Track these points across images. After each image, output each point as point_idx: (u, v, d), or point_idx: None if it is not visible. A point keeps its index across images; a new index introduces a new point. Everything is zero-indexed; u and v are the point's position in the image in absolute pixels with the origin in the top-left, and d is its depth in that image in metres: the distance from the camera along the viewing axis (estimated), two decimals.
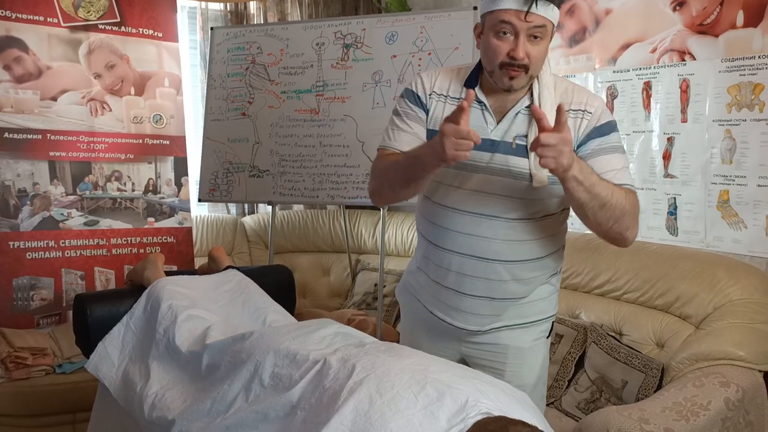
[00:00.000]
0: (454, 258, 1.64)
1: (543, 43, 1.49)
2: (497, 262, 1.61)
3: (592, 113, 1.55)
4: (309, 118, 3.41)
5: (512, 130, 1.56)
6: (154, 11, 3.41)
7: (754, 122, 2.46)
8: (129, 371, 1.95)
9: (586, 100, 1.57)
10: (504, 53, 1.48)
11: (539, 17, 1.45)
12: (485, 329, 1.70)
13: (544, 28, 1.47)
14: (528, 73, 1.51)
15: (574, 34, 3.16)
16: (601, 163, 1.52)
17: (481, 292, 1.65)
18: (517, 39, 1.46)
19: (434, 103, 1.65)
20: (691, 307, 2.30)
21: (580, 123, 1.55)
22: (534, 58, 1.48)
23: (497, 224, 1.59)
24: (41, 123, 3.15)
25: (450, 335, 1.75)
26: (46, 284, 3.14)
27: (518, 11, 1.44)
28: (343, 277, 3.92)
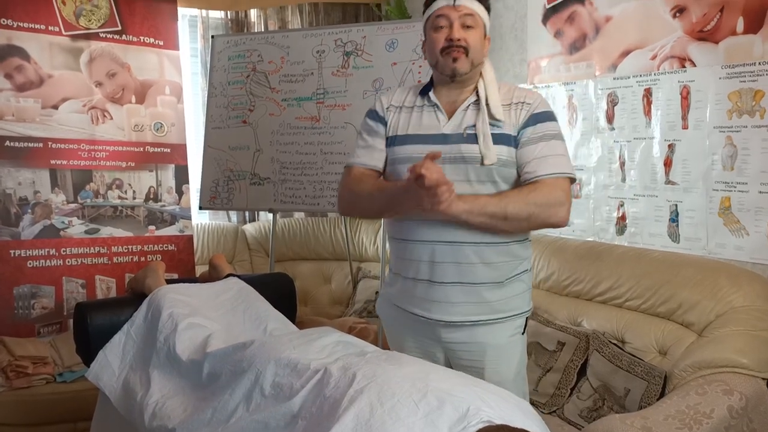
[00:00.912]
0: (424, 247, 1.74)
1: (476, 31, 1.73)
2: (465, 244, 1.71)
3: (530, 104, 1.74)
4: (310, 126, 3.41)
5: (462, 123, 1.74)
6: (155, 20, 3.42)
7: (755, 129, 2.46)
8: (129, 380, 1.95)
9: (526, 95, 1.76)
10: (443, 39, 1.72)
11: (466, 7, 1.72)
12: (462, 320, 1.75)
13: (474, 16, 1.72)
14: (469, 57, 1.72)
15: (574, 42, 3.17)
16: (531, 150, 1.70)
17: (453, 278, 1.73)
18: (452, 26, 1.72)
19: (392, 115, 1.85)
20: (694, 315, 2.29)
21: (520, 113, 1.73)
22: (471, 42, 1.72)
23: None
24: (42, 131, 3.15)
25: (430, 334, 1.81)
26: (47, 293, 3.14)
27: (448, 5, 1.72)
28: (344, 285, 3.91)
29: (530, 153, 1.69)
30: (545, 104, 1.76)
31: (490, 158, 1.67)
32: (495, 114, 1.70)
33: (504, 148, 1.70)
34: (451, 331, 1.77)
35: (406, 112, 1.82)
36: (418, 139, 1.76)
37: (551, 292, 2.85)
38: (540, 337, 2.60)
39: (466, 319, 1.75)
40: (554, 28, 3.27)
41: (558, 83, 3.25)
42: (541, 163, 1.68)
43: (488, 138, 1.68)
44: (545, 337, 2.58)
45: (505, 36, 3.60)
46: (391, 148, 1.82)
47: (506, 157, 1.70)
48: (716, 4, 2.56)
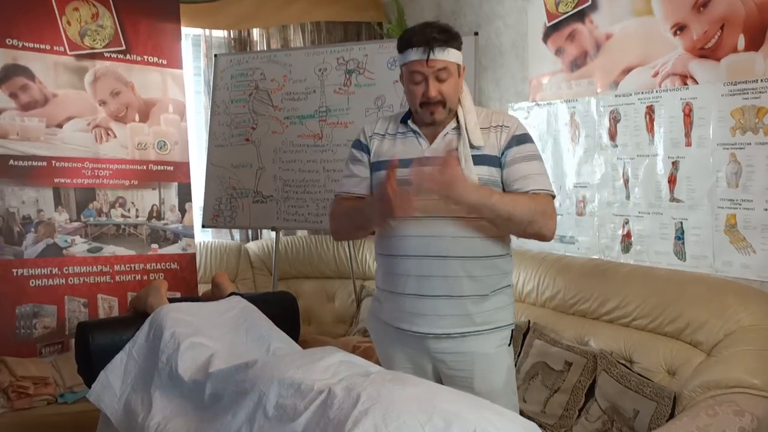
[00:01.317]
0: (412, 262, 1.82)
1: (451, 80, 1.81)
2: (451, 258, 1.79)
3: (509, 127, 1.85)
4: (312, 144, 3.42)
5: (443, 147, 1.83)
6: (159, 39, 3.44)
7: (759, 146, 2.45)
8: (131, 401, 1.93)
9: (503, 119, 1.88)
10: (420, 95, 1.81)
11: (439, 61, 1.78)
12: (449, 332, 1.82)
13: (447, 69, 1.79)
14: (446, 107, 1.82)
15: (575, 59, 3.18)
16: (517, 169, 1.81)
17: (441, 291, 1.80)
18: (426, 83, 1.79)
19: (375, 142, 1.96)
20: (702, 334, 2.27)
21: (500, 136, 1.84)
22: (447, 93, 1.81)
23: (445, 223, 1.79)
24: (46, 150, 3.16)
25: (419, 346, 1.87)
26: (49, 312, 3.12)
27: (420, 60, 1.77)
28: (347, 303, 3.89)
29: (517, 171, 1.81)
30: (523, 127, 1.88)
31: (471, 179, 1.76)
32: (473, 141, 1.81)
33: (485, 168, 1.81)
34: (439, 342, 1.84)
35: (389, 138, 1.93)
36: (401, 163, 1.83)
37: (557, 310, 2.82)
38: (547, 356, 2.58)
39: (453, 331, 1.82)
40: (555, 46, 3.28)
41: (560, 101, 3.26)
42: (529, 181, 1.80)
43: (469, 160, 1.79)
44: (552, 357, 2.56)
45: (506, 54, 3.61)
46: (376, 173, 1.92)
47: (487, 176, 1.81)
48: (716, 22, 2.56)
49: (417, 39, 1.78)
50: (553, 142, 3.30)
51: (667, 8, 2.75)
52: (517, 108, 3.51)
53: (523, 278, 2.99)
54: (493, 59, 3.68)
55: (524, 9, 3.45)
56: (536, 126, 3.38)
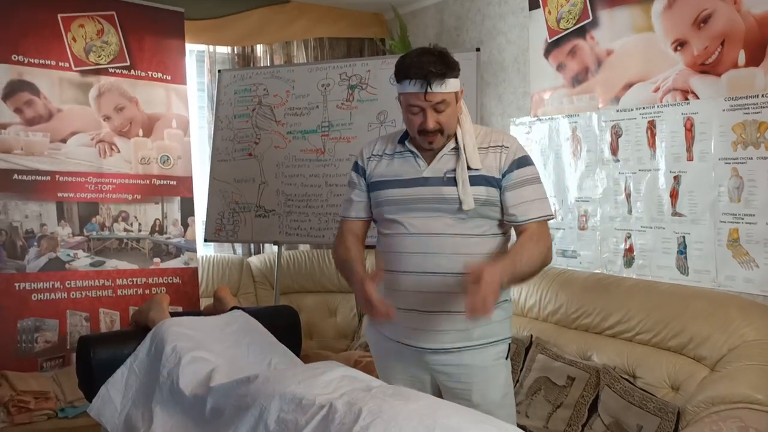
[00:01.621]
0: (411, 278, 1.84)
1: (449, 109, 1.79)
2: (448, 275, 1.79)
3: (509, 148, 1.85)
4: (315, 158, 3.43)
5: (441, 168, 1.84)
6: (164, 55, 3.47)
7: (760, 160, 2.46)
8: (132, 416, 1.93)
9: (502, 139, 1.87)
10: (417, 125, 1.80)
11: (437, 95, 1.75)
12: (447, 347, 1.84)
13: (444, 101, 1.77)
14: (444, 134, 1.82)
15: (577, 75, 3.19)
16: (517, 195, 1.83)
17: (438, 307, 1.82)
18: (424, 114, 1.77)
19: (373, 163, 1.96)
20: (705, 349, 2.26)
21: (500, 156, 1.83)
22: (445, 123, 1.79)
23: (442, 240, 1.81)
24: (50, 165, 3.17)
25: (418, 361, 1.89)
26: (51, 326, 3.12)
27: (418, 94, 1.75)
28: (349, 317, 3.88)
29: (517, 197, 1.82)
30: (522, 148, 1.88)
31: (468, 203, 1.79)
32: (471, 164, 1.80)
33: (482, 189, 1.81)
34: (437, 356, 1.86)
35: (387, 158, 1.94)
36: (399, 183, 1.87)
37: (560, 325, 2.81)
38: (549, 371, 2.56)
39: (451, 345, 1.84)
40: (556, 62, 3.30)
41: (561, 116, 3.27)
42: (528, 208, 1.82)
43: (466, 183, 1.79)
44: (555, 372, 2.54)
45: (507, 69, 3.63)
46: (375, 192, 1.94)
47: (485, 196, 1.82)
48: (717, 38, 2.58)
49: (414, 71, 1.74)
50: (554, 156, 3.31)
51: (667, 24, 2.77)
52: (519, 123, 3.52)
53: (525, 292, 2.98)
54: (495, 75, 3.70)
55: (526, 25, 3.47)
56: (538, 141, 3.39)
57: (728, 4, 2.54)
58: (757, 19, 2.47)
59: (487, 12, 3.74)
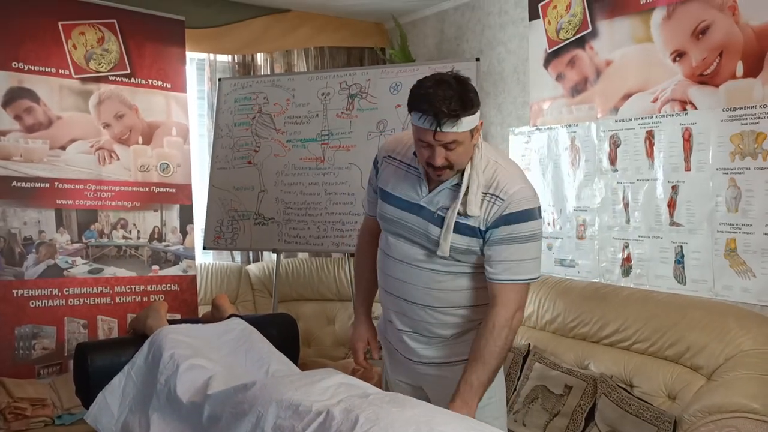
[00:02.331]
0: (394, 300, 1.86)
1: (461, 147, 1.63)
2: (418, 305, 1.80)
3: (503, 200, 1.66)
4: (314, 167, 3.44)
5: (437, 201, 1.73)
6: (164, 63, 3.48)
7: (758, 171, 2.47)
8: (129, 423, 1.92)
9: (504, 187, 1.68)
10: (425, 158, 1.67)
11: (448, 135, 1.59)
12: (431, 362, 1.86)
13: (455, 141, 1.61)
14: (453, 170, 1.68)
15: (576, 85, 3.21)
16: (498, 252, 1.68)
17: (413, 329, 1.85)
18: (433, 150, 1.63)
19: (385, 165, 1.88)
20: (702, 358, 2.26)
21: (489, 207, 1.67)
22: (454, 160, 1.65)
23: (418, 272, 1.78)
24: (49, 172, 3.18)
25: (408, 367, 1.92)
26: (48, 333, 3.12)
27: (429, 130, 1.59)
28: (348, 326, 3.87)
29: (496, 254, 1.68)
30: (522, 201, 1.67)
31: (443, 250, 1.70)
32: (470, 211, 1.66)
33: (465, 239, 1.69)
34: (423, 368, 1.89)
35: (398, 167, 1.84)
36: (399, 202, 1.80)
37: (557, 334, 2.81)
38: (546, 380, 2.56)
39: (433, 361, 1.86)
40: (556, 72, 3.32)
41: (560, 125, 3.28)
42: (504, 268, 1.68)
43: (449, 230, 1.68)
44: (552, 381, 2.54)
45: (507, 79, 3.65)
46: (382, 201, 1.88)
47: (465, 246, 1.70)
48: (715, 49, 2.60)
49: (426, 107, 1.57)
50: (553, 166, 3.32)
51: (666, 35, 2.78)
52: (518, 132, 3.53)
53: None
54: (494, 84, 3.72)
55: (525, 35, 3.49)
56: (537, 150, 3.40)
57: (727, 15, 2.56)
58: (755, 30, 2.48)
59: (487, 22, 3.76)
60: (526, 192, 1.69)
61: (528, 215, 1.67)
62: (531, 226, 1.68)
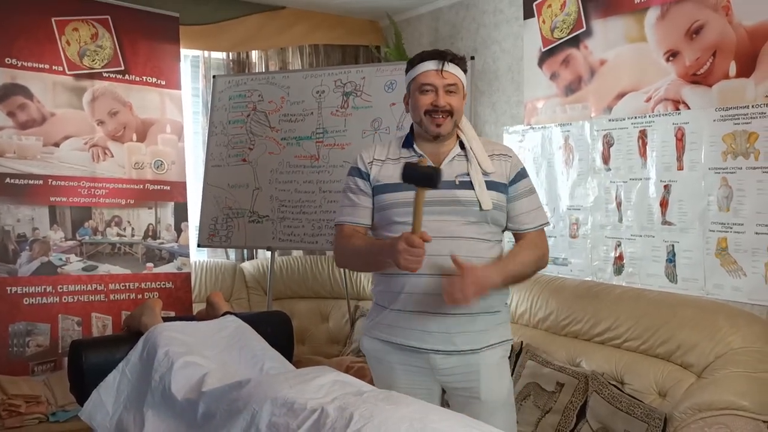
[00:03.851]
0: (422, 280, 1.81)
1: (458, 95, 1.88)
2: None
3: (512, 158, 1.95)
4: (309, 165, 3.44)
5: (451, 172, 1.86)
6: (158, 60, 3.48)
7: (749, 170, 2.49)
8: (123, 420, 1.93)
9: (500, 148, 1.97)
10: (428, 103, 1.86)
11: (451, 74, 1.85)
12: (461, 349, 1.84)
13: (456, 85, 1.86)
14: (452, 119, 1.87)
15: (570, 84, 3.22)
16: (520, 205, 1.93)
17: (451, 309, 1.80)
18: (437, 93, 1.85)
19: (375, 168, 1.94)
20: (693, 356, 2.28)
21: (506, 165, 1.92)
22: (454, 106, 1.86)
23: (456, 243, 1.81)
24: (43, 168, 3.17)
25: (423, 363, 1.87)
26: (42, 330, 3.11)
27: (435, 71, 1.84)
28: (341, 323, 3.88)
29: (520, 207, 1.92)
30: (519, 158, 1.99)
31: (486, 203, 1.84)
32: (485, 167, 1.87)
33: (495, 194, 1.87)
34: (448, 357, 1.86)
35: (392, 163, 1.92)
36: (407, 186, 1.77)
37: (549, 332, 2.83)
38: (538, 377, 2.58)
39: (462, 348, 1.85)
40: (550, 71, 3.33)
41: (554, 124, 3.30)
42: (530, 217, 1.93)
43: (483, 185, 1.85)
44: (544, 378, 2.56)
45: (501, 78, 3.66)
46: (379, 196, 1.91)
47: (497, 201, 1.88)
48: (709, 49, 2.61)
49: (430, 53, 1.88)
50: (547, 165, 3.33)
51: (660, 35, 2.80)
52: (512, 131, 3.55)
53: (516, 299, 3.00)
54: (489, 83, 3.73)
55: (520, 34, 3.50)
56: (531, 149, 3.42)
57: (720, 15, 2.58)
58: (748, 30, 2.50)
59: (482, 21, 3.77)
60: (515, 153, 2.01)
61: (527, 171, 1.98)
62: (530, 180, 1.98)
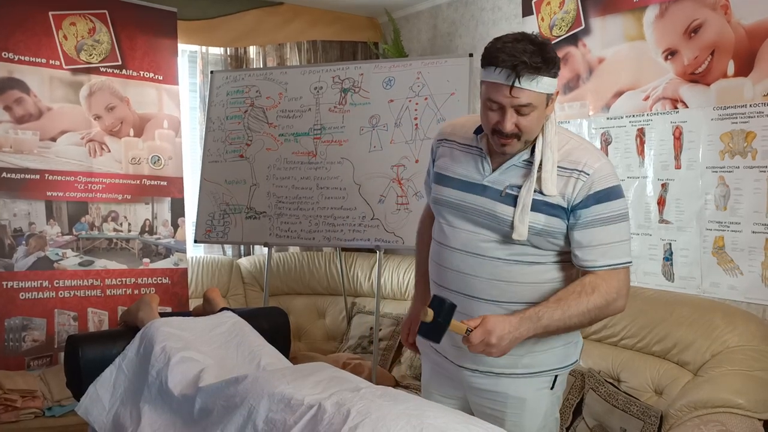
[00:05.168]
0: (451, 296, 1.62)
1: (535, 113, 1.51)
2: (481, 300, 1.62)
3: (589, 175, 1.54)
4: (306, 161, 3.44)
5: (505, 180, 1.60)
6: (156, 55, 3.47)
7: (747, 169, 2.49)
8: (120, 415, 1.92)
9: (585, 161, 1.55)
10: (492, 123, 1.53)
11: (525, 93, 1.48)
12: (487, 370, 1.67)
13: (531, 105, 1.49)
14: (521, 140, 1.55)
15: (568, 82, 3.22)
16: (587, 236, 1.55)
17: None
18: (504, 112, 1.51)
19: (442, 149, 1.75)
20: (689, 354, 2.29)
21: (574, 183, 1.54)
22: (525, 127, 1.52)
23: (481, 261, 1.61)
24: (40, 163, 3.16)
25: (455, 379, 1.76)
26: (39, 325, 3.11)
27: (503, 85, 1.48)
28: (338, 320, 3.88)
29: (588, 238, 1.55)
30: (609, 177, 1.55)
31: (520, 233, 1.54)
32: (545, 189, 1.54)
33: (542, 217, 1.55)
34: (475, 377, 1.70)
35: (457, 148, 1.71)
36: (458, 184, 1.66)
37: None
38: None
39: (490, 369, 1.67)
40: None
41: None
42: (600, 253, 1.55)
43: (527, 209, 1.54)
44: None
45: None
46: (436, 185, 1.74)
47: (542, 226, 1.56)
48: (707, 48, 2.61)
49: (503, 58, 1.47)
50: None
51: (658, 33, 2.80)
52: None
53: None
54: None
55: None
56: None
57: (719, 14, 2.58)
58: (746, 29, 2.50)
59: (481, 18, 3.76)
60: (610, 168, 1.58)
61: (617, 192, 1.56)
62: (621, 204, 1.57)
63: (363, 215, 3.27)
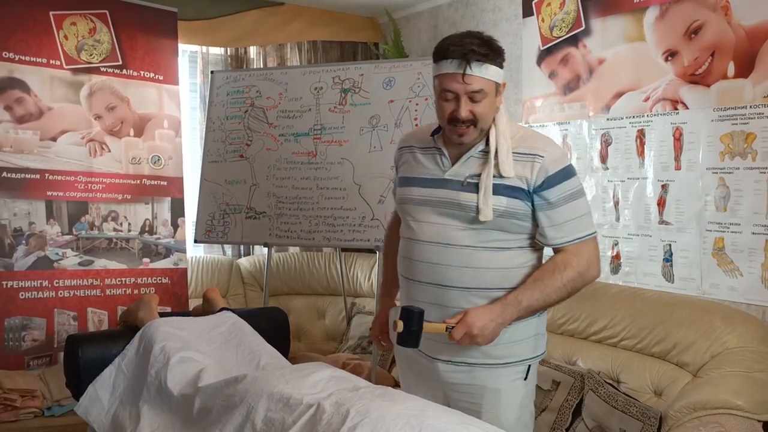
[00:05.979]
0: (422, 288, 1.73)
1: (486, 100, 1.63)
2: (452, 288, 1.69)
3: (543, 158, 1.64)
4: (306, 161, 3.44)
5: (464, 171, 1.70)
6: (156, 55, 3.47)
7: (747, 170, 2.49)
8: (119, 415, 1.92)
9: (539, 145, 1.68)
10: (448, 112, 1.65)
11: (476, 79, 1.60)
12: (459, 361, 1.73)
13: (482, 91, 1.61)
14: (477, 127, 1.65)
15: (568, 83, 3.22)
16: (552, 215, 1.66)
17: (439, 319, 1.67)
18: (458, 101, 1.62)
19: (404, 155, 1.87)
20: (689, 355, 2.29)
21: (531, 167, 1.65)
22: (479, 114, 1.63)
23: (450, 251, 1.69)
24: (40, 163, 3.16)
25: (432, 373, 1.79)
26: (38, 325, 3.11)
27: (455, 74, 1.60)
28: (338, 320, 3.88)
29: (558, 216, 1.66)
30: (561, 159, 1.68)
31: (485, 214, 1.63)
32: (504, 172, 1.64)
33: (503, 199, 1.65)
34: (450, 369, 1.75)
35: (418, 152, 1.82)
36: (422, 182, 1.76)
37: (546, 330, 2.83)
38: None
39: (463, 360, 1.72)
40: (548, 70, 3.33)
41: (552, 123, 3.30)
42: (569, 229, 1.67)
43: (488, 192, 1.63)
44: (540, 376, 2.54)
45: None
46: (401, 188, 1.84)
47: (504, 207, 1.65)
48: (707, 49, 2.62)
49: (453, 50, 1.60)
50: None
51: (658, 35, 2.80)
52: None
53: None
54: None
55: (519, 33, 3.50)
56: None
57: (719, 15, 2.58)
58: (746, 31, 2.50)
59: (481, 18, 3.76)
60: (561, 150, 1.74)
61: (572, 170, 1.69)
62: (577, 180, 1.69)
63: (363, 215, 3.27)
